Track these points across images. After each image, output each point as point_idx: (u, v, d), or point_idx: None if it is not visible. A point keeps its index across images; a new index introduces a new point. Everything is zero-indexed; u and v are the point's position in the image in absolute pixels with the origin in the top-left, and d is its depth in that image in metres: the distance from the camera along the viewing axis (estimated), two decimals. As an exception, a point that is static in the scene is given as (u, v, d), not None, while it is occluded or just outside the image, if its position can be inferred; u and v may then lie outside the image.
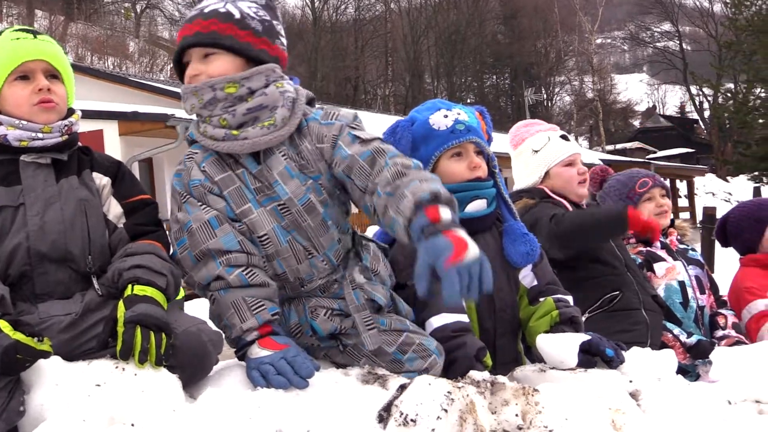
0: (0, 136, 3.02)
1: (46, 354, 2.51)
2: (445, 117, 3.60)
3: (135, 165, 18.47)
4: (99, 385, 2.51)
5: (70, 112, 3.21)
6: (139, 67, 61.42)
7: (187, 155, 3.20)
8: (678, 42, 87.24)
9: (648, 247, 4.87)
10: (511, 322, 3.59)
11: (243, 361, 2.91)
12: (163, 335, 2.64)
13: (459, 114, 3.61)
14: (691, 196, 45.14)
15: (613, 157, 42.42)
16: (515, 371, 3.11)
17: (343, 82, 73.91)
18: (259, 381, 2.73)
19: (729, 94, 48.38)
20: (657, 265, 4.78)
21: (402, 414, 2.39)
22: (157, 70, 62.08)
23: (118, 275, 2.87)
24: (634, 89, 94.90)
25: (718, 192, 58.93)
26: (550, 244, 4.01)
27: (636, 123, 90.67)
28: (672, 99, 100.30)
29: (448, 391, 2.45)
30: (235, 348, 2.95)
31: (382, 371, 2.88)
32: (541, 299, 3.56)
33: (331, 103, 43.16)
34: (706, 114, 79.52)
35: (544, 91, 78.99)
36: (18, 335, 2.46)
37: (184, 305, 3.72)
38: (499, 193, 3.67)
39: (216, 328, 2.97)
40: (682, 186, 47.76)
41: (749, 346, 3.64)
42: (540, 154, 4.60)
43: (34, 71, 3.10)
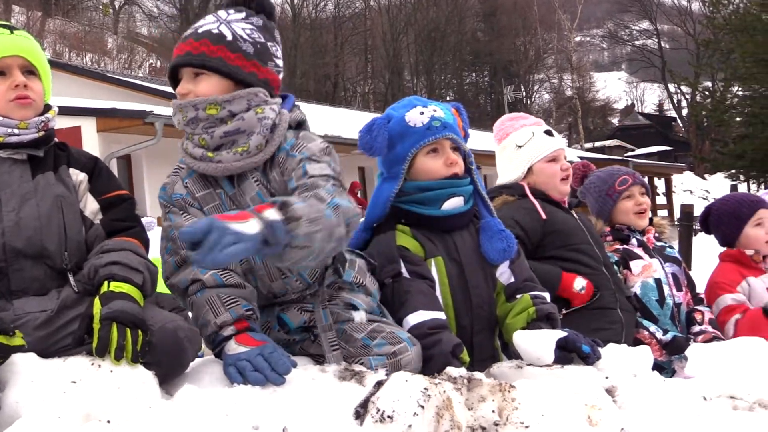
0: (-25, 132, 3.01)
1: (18, 349, 2.50)
2: (421, 114, 3.60)
3: (113, 162, 18.39)
4: (75, 382, 2.50)
5: (47, 108, 3.20)
6: (118, 63, 61.11)
7: (174, 169, 3.29)
8: (656, 40, 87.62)
9: (625, 245, 4.88)
10: (488, 319, 3.59)
11: (220, 359, 2.90)
12: (140, 332, 2.63)
13: (435, 111, 3.62)
14: (669, 194, 45.38)
15: (592, 154, 42.52)
16: (492, 368, 3.12)
17: (322, 79, 73.72)
18: (235, 377, 2.73)
19: (707, 93, 48.58)
20: (633, 263, 4.79)
21: (379, 410, 2.40)
22: (135, 66, 61.74)
23: (94, 272, 2.86)
24: (612, 87, 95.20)
25: (696, 190, 59.35)
26: None
27: (615, 121, 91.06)
28: (650, 97, 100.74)
29: (425, 388, 2.45)
30: (212, 347, 2.95)
31: (359, 368, 2.88)
32: (518, 296, 3.57)
33: (310, 101, 43.25)
34: (684, 112, 79.90)
35: (523, 89, 78.98)
36: (-13, 332, 2.45)
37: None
38: (476, 189, 3.68)
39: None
40: (660, 184, 48.01)
41: (724, 342, 3.66)
42: (523, 149, 4.59)
43: (10, 67, 3.09)
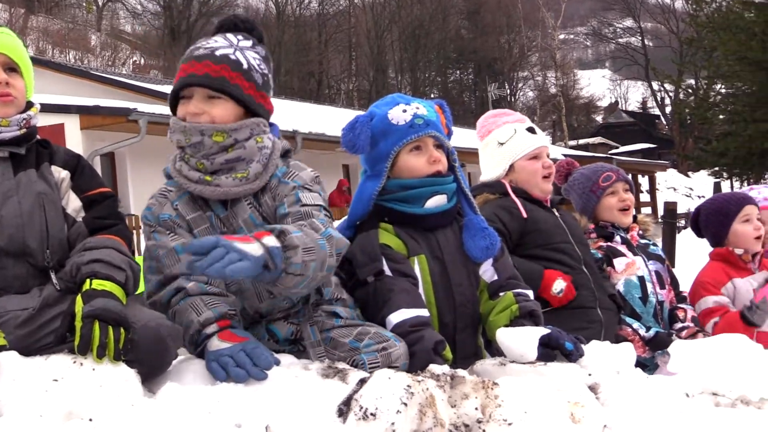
0: (-43, 129, 2.99)
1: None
2: (404, 111, 3.60)
3: (97, 159, 18.35)
4: (56, 380, 2.49)
5: (29, 105, 3.19)
6: (101, 60, 60.85)
7: (161, 191, 3.29)
8: (640, 38, 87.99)
9: (609, 242, 4.89)
10: (471, 317, 3.60)
11: (201, 357, 2.90)
12: (122, 330, 2.62)
13: (418, 108, 3.62)
14: (652, 191, 45.49)
15: (576, 152, 42.57)
16: (475, 365, 3.12)
17: (306, 77, 73.65)
18: (218, 373, 2.73)
19: (690, 90, 48.68)
20: (617, 260, 4.80)
21: (362, 408, 2.40)
22: (119, 63, 61.57)
23: (77, 269, 2.85)
24: (596, 85, 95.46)
25: (680, 187, 59.55)
26: None
27: (598, 118, 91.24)
28: (634, 95, 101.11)
29: (408, 385, 2.45)
30: (194, 347, 2.96)
31: (342, 365, 2.88)
32: (501, 294, 3.58)
33: (294, 98, 43.11)
34: (668, 110, 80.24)
35: (507, 87, 79.08)
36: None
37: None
38: (459, 187, 3.68)
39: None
40: (643, 181, 48.11)
41: (706, 339, 3.67)
42: (505, 146, 4.58)
43: (-8, 64, 3.08)
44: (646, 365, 4.42)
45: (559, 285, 4.24)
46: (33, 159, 3.12)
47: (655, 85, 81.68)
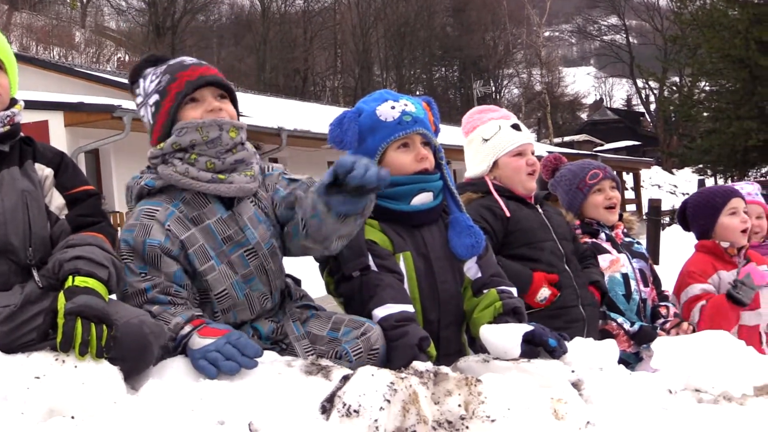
0: (-60, 127, 2.98)
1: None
2: (393, 108, 3.59)
3: (81, 156, 18.27)
4: (38, 378, 2.48)
5: (13, 102, 3.17)
6: (86, 57, 60.64)
7: (145, 213, 3.15)
8: (624, 35, 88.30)
9: (593, 239, 4.90)
10: (455, 314, 3.60)
11: (183, 355, 2.90)
12: (104, 327, 2.60)
13: (406, 105, 3.60)
14: (637, 189, 45.70)
15: (561, 149, 42.66)
16: (459, 362, 3.12)
17: (291, 74, 73.62)
18: (208, 370, 2.73)
19: (674, 88, 48.94)
20: (601, 257, 4.81)
21: (345, 405, 2.40)
22: (103, 60, 61.38)
23: (59, 266, 2.83)
24: (581, 82, 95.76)
25: (664, 184, 59.80)
26: None
27: (583, 116, 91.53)
28: (619, 92, 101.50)
29: (391, 382, 2.46)
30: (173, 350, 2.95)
31: (325, 362, 2.88)
32: (485, 291, 3.58)
33: (279, 95, 43.14)
34: (652, 107, 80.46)
35: (492, 84, 79.09)
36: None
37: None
38: (445, 185, 3.68)
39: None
40: (628, 178, 48.26)
41: (689, 336, 3.68)
42: (489, 143, 4.55)
43: (-26, 62, 3.07)
44: (629, 362, 4.43)
45: (543, 294, 4.23)
46: (16, 156, 3.09)
47: (639, 82, 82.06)
